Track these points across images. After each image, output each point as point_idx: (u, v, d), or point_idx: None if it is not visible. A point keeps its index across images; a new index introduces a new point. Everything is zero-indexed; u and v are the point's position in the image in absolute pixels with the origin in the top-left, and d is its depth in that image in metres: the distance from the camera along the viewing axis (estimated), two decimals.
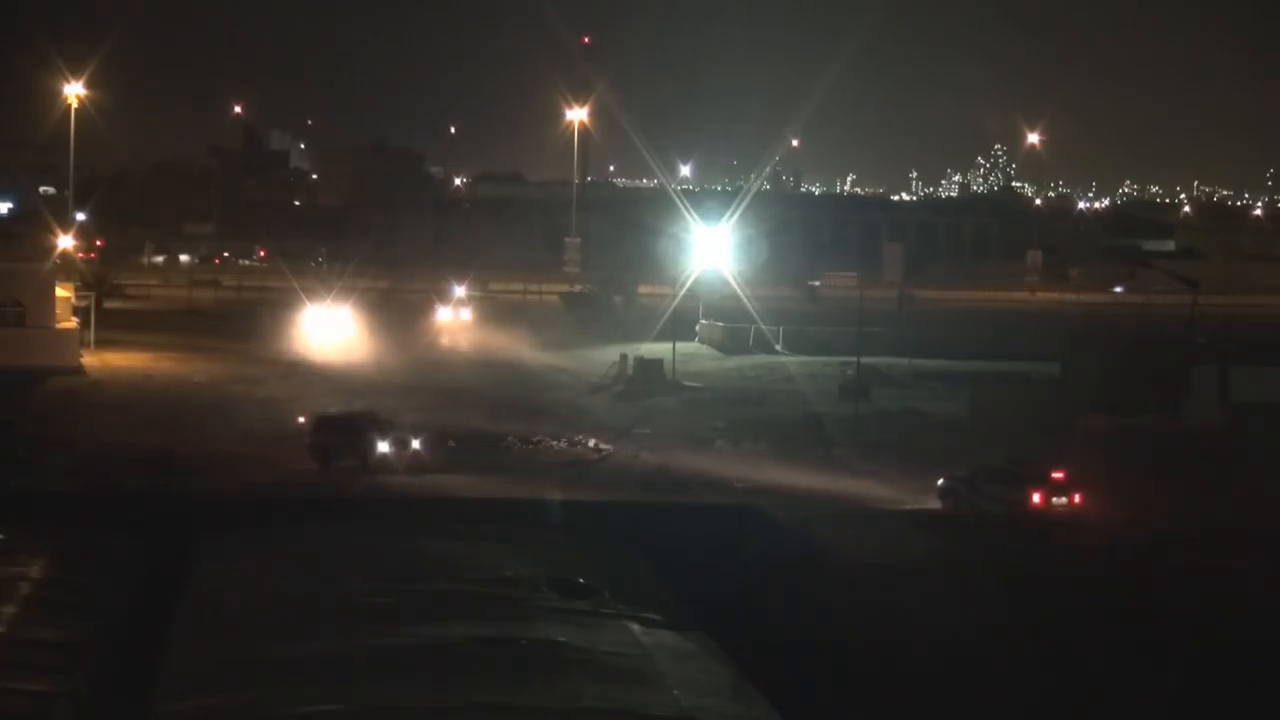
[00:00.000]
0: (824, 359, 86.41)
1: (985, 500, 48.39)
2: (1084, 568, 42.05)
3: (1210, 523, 46.77)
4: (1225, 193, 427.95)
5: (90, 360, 79.29)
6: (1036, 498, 47.07)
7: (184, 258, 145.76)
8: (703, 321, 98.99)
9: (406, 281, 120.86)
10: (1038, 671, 32.80)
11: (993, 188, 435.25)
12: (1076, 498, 47.44)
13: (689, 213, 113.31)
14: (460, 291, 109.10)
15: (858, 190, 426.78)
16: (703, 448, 61.98)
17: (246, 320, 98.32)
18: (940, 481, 51.18)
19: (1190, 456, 53.12)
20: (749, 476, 55.86)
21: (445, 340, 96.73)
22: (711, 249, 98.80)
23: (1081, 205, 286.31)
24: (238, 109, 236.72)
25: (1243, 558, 43.21)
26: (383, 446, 54.54)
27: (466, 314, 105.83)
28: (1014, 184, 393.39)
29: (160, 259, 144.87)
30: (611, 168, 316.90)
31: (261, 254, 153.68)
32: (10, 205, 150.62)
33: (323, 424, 56.63)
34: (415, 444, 55.10)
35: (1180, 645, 34.77)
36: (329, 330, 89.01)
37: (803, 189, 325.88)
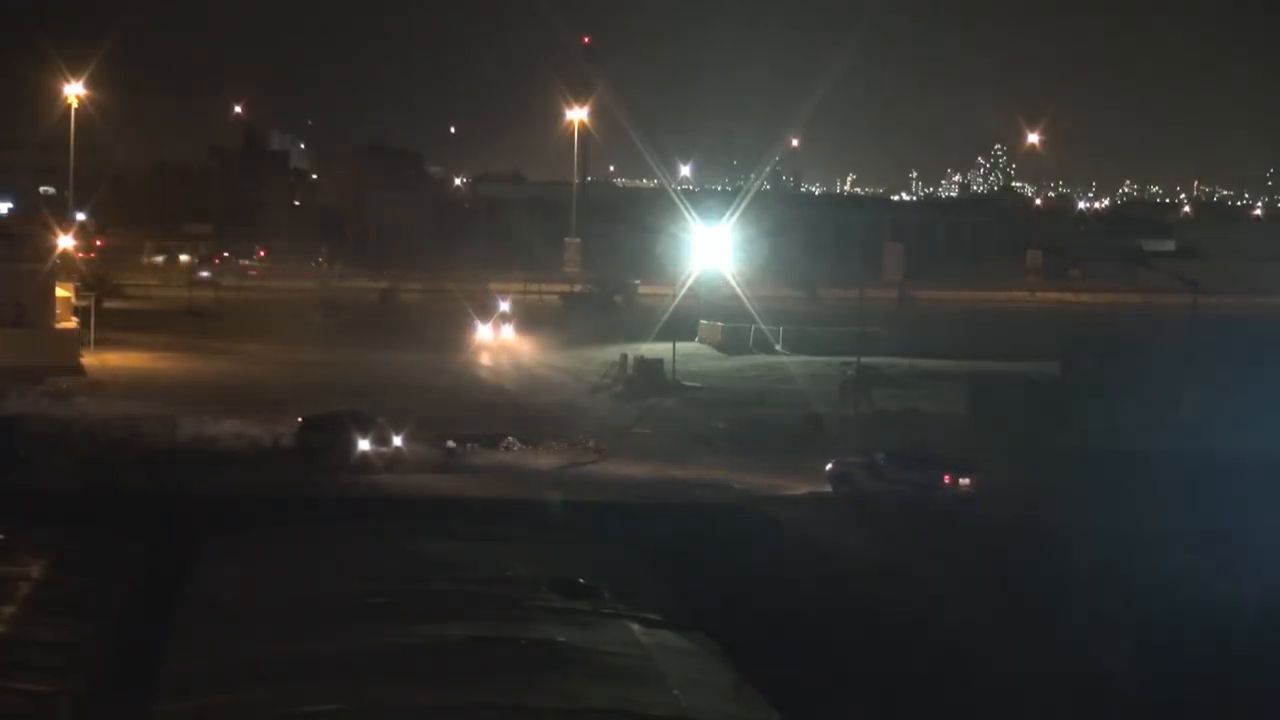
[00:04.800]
0: (824, 359, 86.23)
1: (889, 483, 50.10)
2: (1076, 566, 42.09)
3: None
4: (1225, 193, 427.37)
5: (90, 360, 79.09)
6: (946, 479, 50.30)
7: (184, 258, 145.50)
8: (703, 321, 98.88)
9: (405, 282, 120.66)
10: (1038, 670, 32.79)
11: (993, 188, 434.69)
12: (974, 479, 50.70)
13: (689, 213, 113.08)
14: (505, 305, 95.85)
15: (858, 190, 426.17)
16: (703, 447, 62.00)
17: (247, 322, 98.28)
18: (829, 466, 51.91)
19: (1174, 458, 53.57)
20: (748, 476, 55.86)
21: (488, 361, 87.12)
22: (711, 249, 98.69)
23: (1081, 205, 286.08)
24: (238, 109, 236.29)
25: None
26: (364, 445, 54.29)
27: (510, 332, 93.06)
28: (1014, 184, 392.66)
29: (160, 259, 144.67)
30: (611, 168, 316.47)
31: (261, 254, 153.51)
32: (10, 205, 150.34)
33: (307, 423, 56.64)
34: (398, 442, 54.80)
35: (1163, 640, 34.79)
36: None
37: (803, 189, 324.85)
